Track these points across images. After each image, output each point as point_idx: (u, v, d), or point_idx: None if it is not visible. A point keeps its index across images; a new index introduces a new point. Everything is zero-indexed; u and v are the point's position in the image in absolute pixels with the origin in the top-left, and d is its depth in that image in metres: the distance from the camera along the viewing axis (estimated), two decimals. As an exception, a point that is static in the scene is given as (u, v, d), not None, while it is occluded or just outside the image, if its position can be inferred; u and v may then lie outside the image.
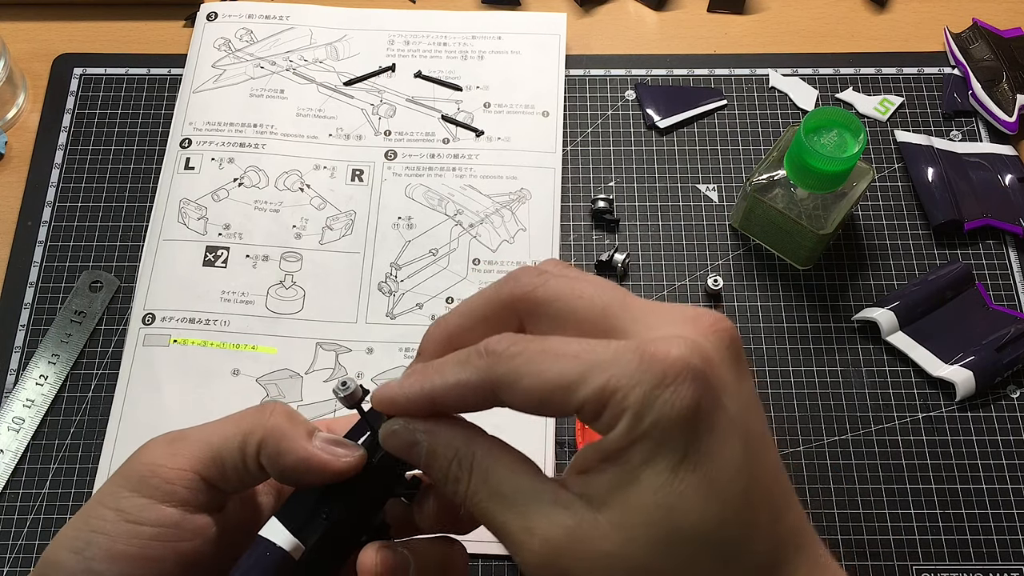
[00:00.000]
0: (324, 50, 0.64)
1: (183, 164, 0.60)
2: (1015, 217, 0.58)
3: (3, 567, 0.50)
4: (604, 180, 0.60)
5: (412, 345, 0.55)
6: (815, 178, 0.51)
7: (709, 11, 0.67)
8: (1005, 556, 0.50)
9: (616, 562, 0.26)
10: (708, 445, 0.25)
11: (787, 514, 0.27)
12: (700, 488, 0.25)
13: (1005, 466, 0.52)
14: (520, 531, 0.27)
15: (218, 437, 0.31)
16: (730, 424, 0.26)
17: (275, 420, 0.31)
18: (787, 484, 0.28)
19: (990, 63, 0.63)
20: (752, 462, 0.26)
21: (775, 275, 0.57)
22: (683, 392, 0.25)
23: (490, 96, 0.63)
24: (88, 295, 0.57)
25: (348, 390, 0.31)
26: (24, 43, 0.66)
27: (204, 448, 0.31)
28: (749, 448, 0.26)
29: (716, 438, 0.26)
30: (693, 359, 0.25)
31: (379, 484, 0.32)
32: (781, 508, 0.27)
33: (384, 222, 0.58)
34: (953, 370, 0.53)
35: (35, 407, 0.54)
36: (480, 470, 0.28)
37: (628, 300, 0.28)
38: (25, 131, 0.63)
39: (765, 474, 0.27)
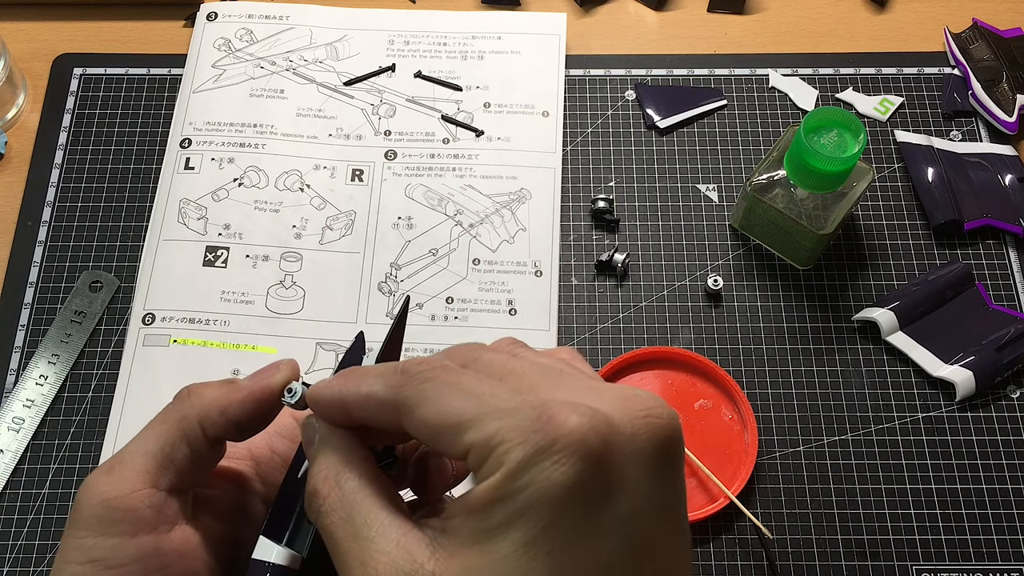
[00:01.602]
0: (324, 50, 0.64)
1: (183, 164, 0.60)
2: (1015, 217, 0.58)
3: (3, 567, 0.50)
4: (604, 180, 0.60)
5: (412, 345, 0.55)
6: (815, 178, 0.51)
7: (709, 11, 0.67)
8: (1005, 556, 0.50)
9: None
10: (571, 535, 0.23)
11: None
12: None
13: (1005, 466, 0.52)
14: (356, 564, 0.26)
15: (154, 441, 0.30)
16: (609, 524, 0.24)
17: (196, 395, 0.31)
18: None
19: (990, 63, 0.63)
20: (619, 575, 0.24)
21: (775, 275, 0.57)
22: (564, 467, 0.23)
23: (490, 96, 0.63)
24: (88, 295, 0.57)
25: (296, 395, 0.31)
26: (24, 43, 0.66)
27: (146, 459, 0.30)
28: (623, 560, 0.24)
29: (583, 531, 0.23)
30: (590, 435, 0.23)
31: None
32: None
33: (384, 222, 0.58)
34: (953, 370, 0.53)
35: (35, 407, 0.53)
36: (342, 491, 0.27)
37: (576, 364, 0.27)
38: (25, 131, 0.63)
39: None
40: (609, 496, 0.24)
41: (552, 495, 0.23)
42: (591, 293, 0.57)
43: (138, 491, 0.29)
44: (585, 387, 0.26)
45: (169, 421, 0.30)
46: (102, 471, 0.30)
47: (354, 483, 0.27)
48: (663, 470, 0.25)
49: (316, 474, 0.28)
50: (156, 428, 0.30)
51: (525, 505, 0.23)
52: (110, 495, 0.29)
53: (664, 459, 0.24)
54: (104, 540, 0.28)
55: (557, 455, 0.23)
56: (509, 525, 0.24)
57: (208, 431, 0.30)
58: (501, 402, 0.24)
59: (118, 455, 0.30)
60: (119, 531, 0.28)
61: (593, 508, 0.23)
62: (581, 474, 0.23)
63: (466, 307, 0.56)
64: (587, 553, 0.23)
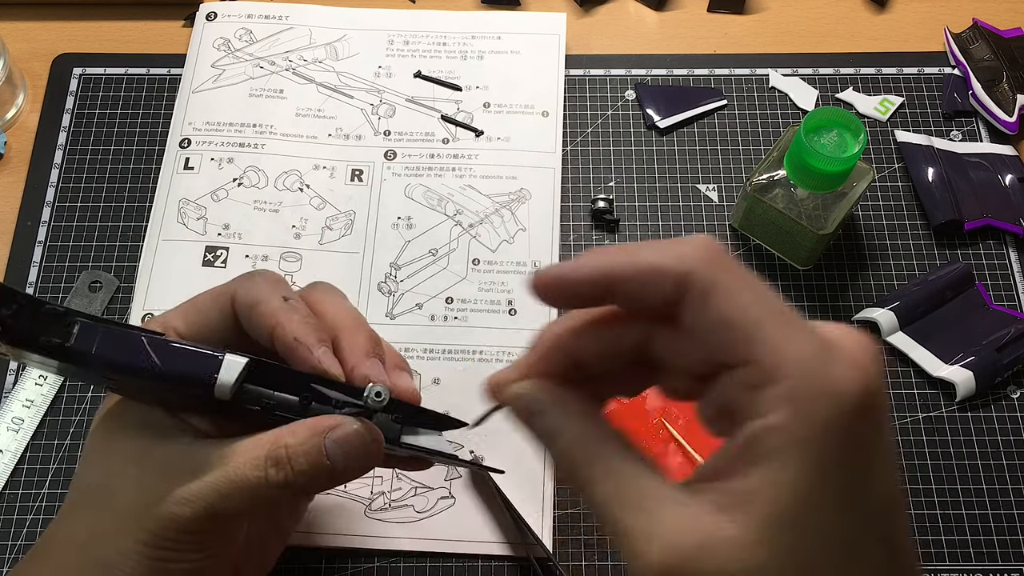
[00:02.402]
0: (324, 50, 0.64)
1: (182, 164, 0.60)
2: (1015, 217, 0.58)
3: (3, 567, 0.50)
4: (604, 180, 0.60)
5: (412, 345, 0.55)
6: (815, 178, 0.51)
7: (709, 11, 0.67)
8: (1005, 556, 0.50)
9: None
10: (856, 467, 0.24)
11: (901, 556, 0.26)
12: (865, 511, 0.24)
13: (1005, 466, 0.52)
14: (639, 536, 0.25)
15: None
16: (881, 455, 0.25)
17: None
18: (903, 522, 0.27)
19: (990, 63, 0.62)
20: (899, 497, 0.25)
21: (775, 275, 0.57)
22: (846, 410, 0.24)
23: (490, 96, 0.62)
24: (88, 295, 0.57)
25: (383, 401, 0.33)
26: (24, 43, 0.66)
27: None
28: (893, 488, 0.25)
29: (863, 464, 0.24)
30: (866, 379, 0.24)
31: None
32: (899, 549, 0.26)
33: (384, 222, 0.58)
34: (953, 370, 0.53)
35: (35, 407, 0.53)
36: (606, 464, 0.27)
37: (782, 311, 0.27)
38: (24, 131, 0.63)
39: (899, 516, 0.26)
40: (883, 429, 0.25)
41: (849, 431, 0.24)
42: (591, 293, 0.57)
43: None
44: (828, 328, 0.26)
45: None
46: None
47: (616, 453, 0.27)
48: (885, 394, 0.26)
49: (570, 446, 0.27)
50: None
51: (821, 446, 0.24)
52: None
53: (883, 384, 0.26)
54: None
55: (846, 399, 0.24)
56: (808, 464, 0.24)
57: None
58: (791, 328, 0.25)
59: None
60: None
61: (876, 440, 0.24)
62: (869, 409, 0.24)
63: (466, 307, 0.56)
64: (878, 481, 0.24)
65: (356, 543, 0.49)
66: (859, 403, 0.24)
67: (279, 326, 0.34)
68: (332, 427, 0.33)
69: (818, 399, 0.24)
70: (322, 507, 0.50)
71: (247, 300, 0.35)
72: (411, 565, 0.49)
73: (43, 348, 0.31)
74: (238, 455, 0.33)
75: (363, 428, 0.33)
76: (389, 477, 0.51)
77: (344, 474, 0.33)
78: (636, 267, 0.27)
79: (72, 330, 0.31)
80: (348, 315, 0.37)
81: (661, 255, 0.26)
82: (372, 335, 0.37)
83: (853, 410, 0.24)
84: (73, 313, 0.32)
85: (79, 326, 0.31)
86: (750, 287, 0.26)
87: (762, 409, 0.24)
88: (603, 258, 0.27)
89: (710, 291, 0.26)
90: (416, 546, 0.49)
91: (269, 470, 0.32)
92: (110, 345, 0.32)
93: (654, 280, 0.26)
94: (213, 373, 0.32)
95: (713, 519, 0.24)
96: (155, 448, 0.34)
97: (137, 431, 0.35)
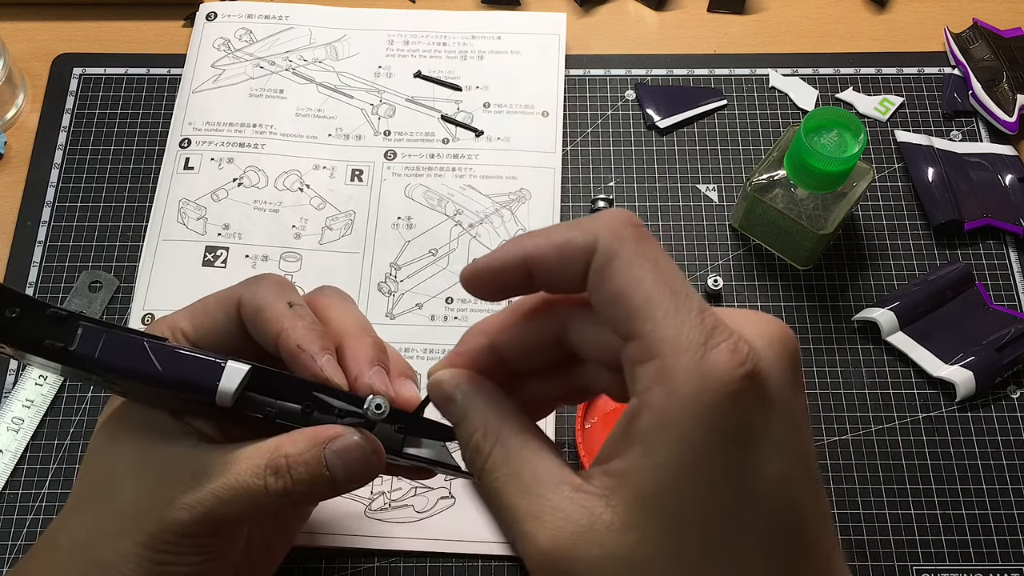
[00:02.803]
0: (323, 50, 0.64)
1: (182, 164, 0.60)
2: (1015, 217, 0.58)
3: (3, 567, 0.50)
4: (604, 180, 0.60)
5: (412, 345, 0.55)
6: (815, 178, 0.51)
7: (709, 11, 0.67)
8: (1005, 556, 0.50)
9: (623, 571, 0.24)
10: (736, 455, 0.24)
11: (816, 550, 0.26)
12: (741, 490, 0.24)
13: (1005, 466, 0.52)
14: (529, 519, 0.26)
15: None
16: (768, 444, 0.25)
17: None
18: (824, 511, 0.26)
19: (990, 63, 0.62)
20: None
21: (775, 275, 0.57)
22: (725, 395, 0.24)
23: (490, 96, 0.62)
24: (88, 295, 0.57)
25: (383, 413, 0.32)
26: (24, 43, 0.66)
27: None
28: (791, 469, 0.25)
29: (747, 452, 0.24)
30: (748, 366, 0.24)
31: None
32: (812, 544, 0.26)
33: (384, 222, 0.58)
34: (953, 370, 0.53)
35: (34, 407, 0.53)
36: (505, 448, 0.27)
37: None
38: (24, 131, 0.63)
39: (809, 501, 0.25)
40: (770, 413, 0.24)
41: (718, 414, 0.24)
42: (591, 293, 0.57)
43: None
44: (734, 313, 0.26)
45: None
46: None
47: (517, 438, 0.27)
48: (797, 384, 0.26)
49: (473, 431, 0.28)
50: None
51: (687, 428, 0.24)
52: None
53: (797, 372, 0.26)
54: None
55: (718, 382, 0.23)
56: (675, 447, 0.24)
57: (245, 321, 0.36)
58: (679, 306, 0.25)
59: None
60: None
61: (757, 425, 0.24)
62: (745, 394, 0.24)
63: (466, 307, 0.56)
64: (759, 464, 0.24)
65: (356, 543, 0.49)
66: (735, 388, 0.24)
67: (283, 333, 0.34)
68: (332, 437, 0.33)
69: (689, 380, 0.24)
70: (322, 507, 0.50)
71: (252, 305, 0.35)
72: (411, 565, 0.49)
73: (46, 351, 0.31)
74: (239, 462, 0.33)
75: (363, 440, 0.33)
76: (389, 477, 0.51)
77: (344, 485, 0.33)
78: (550, 245, 0.27)
79: (75, 334, 0.31)
80: (354, 321, 0.37)
81: (572, 230, 0.27)
82: (377, 342, 0.37)
83: (728, 394, 0.24)
84: (77, 317, 0.32)
85: (82, 330, 0.32)
86: (648, 260, 0.26)
87: (639, 387, 0.25)
88: (522, 242, 0.28)
89: (609, 262, 0.26)
90: (416, 546, 0.49)
91: (269, 479, 0.32)
92: (113, 350, 0.32)
93: (566, 255, 0.27)
94: (215, 380, 0.32)
95: (594, 503, 0.25)
96: (157, 451, 0.34)
97: (140, 433, 0.35)
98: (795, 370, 0.26)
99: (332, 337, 0.36)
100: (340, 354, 0.35)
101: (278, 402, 0.33)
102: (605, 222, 0.26)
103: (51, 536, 0.36)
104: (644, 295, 0.25)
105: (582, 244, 0.26)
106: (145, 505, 0.33)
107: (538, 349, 0.30)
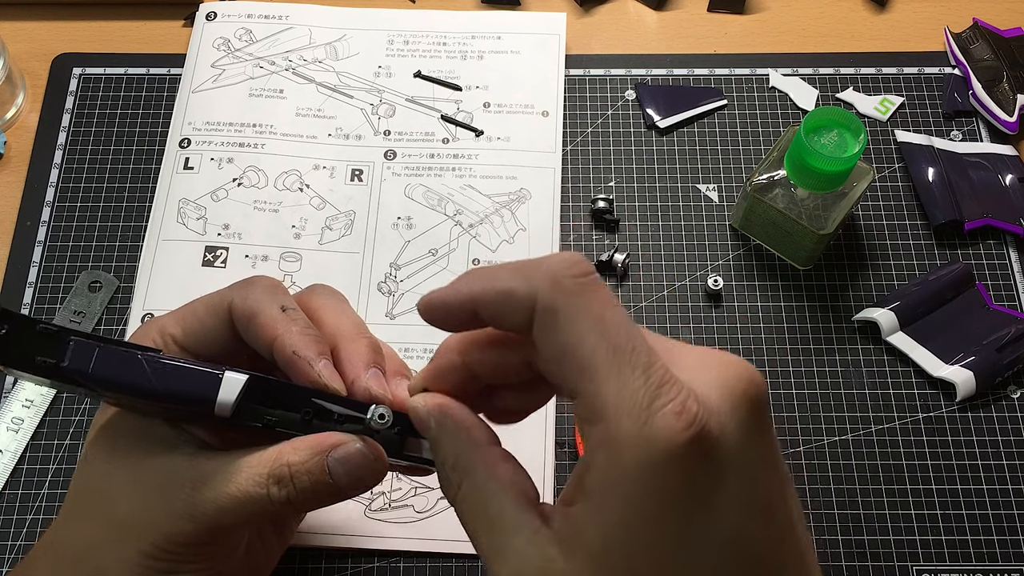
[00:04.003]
0: (323, 50, 0.64)
1: (182, 164, 0.60)
2: (1015, 217, 0.58)
3: (3, 567, 0.50)
4: (604, 180, 0.60)
5: (412, 345, 0.55)
6: (815, 178, 0.51)
7: (709, 11, 0.67)
8: (1005, 556, 0.50)
9: None
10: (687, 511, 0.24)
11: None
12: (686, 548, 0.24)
13: (1005, 466, 0.52)
14: (494, 556, 0.26)
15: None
16: (722, 498, 0.24)
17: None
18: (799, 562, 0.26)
19: (990, 63, 0.62)
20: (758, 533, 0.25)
21: (775, 275, 0.57)
22: (674, 456, 0.23)
23: (490, 96, 0.62)
24: (87, 295, 0.57)
25: (387, 423, 0.32)
26: (23, 43, 0.66)
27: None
28: (743, 525, 0.25)
29: (698, 506, 0.24)
30: (697, 425, 0.24)
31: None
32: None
33: (383, 222, 0.58)
34: (953, 370, 0.53)
35: (34, 407, 0.53)
36: (472, 481, 0.28)
37: (649, 336, 0.26)
38: (24, 131, 0.63)
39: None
40: (721, 470, 0.24)
41: (661, 479, 0.23)
42: (591, 293, 0.57)
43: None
44: (695, 356, 0.26)
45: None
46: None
47: (483, 472, 0.27)
48: (761, 429, 0.25)
49: (444, 461, 0.28)
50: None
51: (632, 494, 0.24)
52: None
53: (761, 418, 0.25)
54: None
55: (662, 449, 0.23)
56: (620, 511, 0.24)
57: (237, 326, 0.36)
58: (623, 365, 0.24)
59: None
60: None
61: (705, 484, 0.24)
62: (690, 458, 0.23)
63: (466, 307, 0.56)
64: (708, 523, 0.24)
65: (356, 543, 0.49)
66: (680, 453, 0.23)
67: (278, 339, 0.34)
68: (335, 445, 0.32)
69: (632, 446, 0.23)
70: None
71: (245, 311, 0.35)
72: (411, 565, 0.49)
73: (38, 369, 0.31)
74: (241, 471, 0.33)
75: (366, 448, 0.33)
76: (389, 477, 0.51)
77: (348, 492, 0.33)
78: (492, 292, 0.27)
79: (67, 349, 0.31)
80: (348, 323, 0.37)
81: (513, 280, 0.26)
82: (372, 343, 0.36)
83: (672, 459, 0.23)
84: (67, 332, 0.31)
85: (74, 345, 0.31)
86: (591, 316, 0.25)
87: (588, 444, 0.25)
88: (468, 283, 0.28)
89: (552, 318, 0.25)
90: (416, 546, 0.49)
91: (271, 488, 0.32)
92: (106, 364, 0.31)
93: (508, 306, 0.26)
94: (213, 392, 0.31)
95: (551, 551, 0.25)
96: (156, 459, 0.34)
97: (137, 442, 0.34)
98: (757, 416, 0.25)
99: (327, 339, 0.36)
100: (335, 357, 0.35)
101: (277, 411, 0.33)
102: (548, 272, 0.26)
103: (47, 544, 0.35)
104: (586, 354, 0.24)
105: (523, 296, 0.26)
106: (147, 515, 0.33)
107: (508, 371, 0.30)
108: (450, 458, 0.28)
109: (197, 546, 0.33)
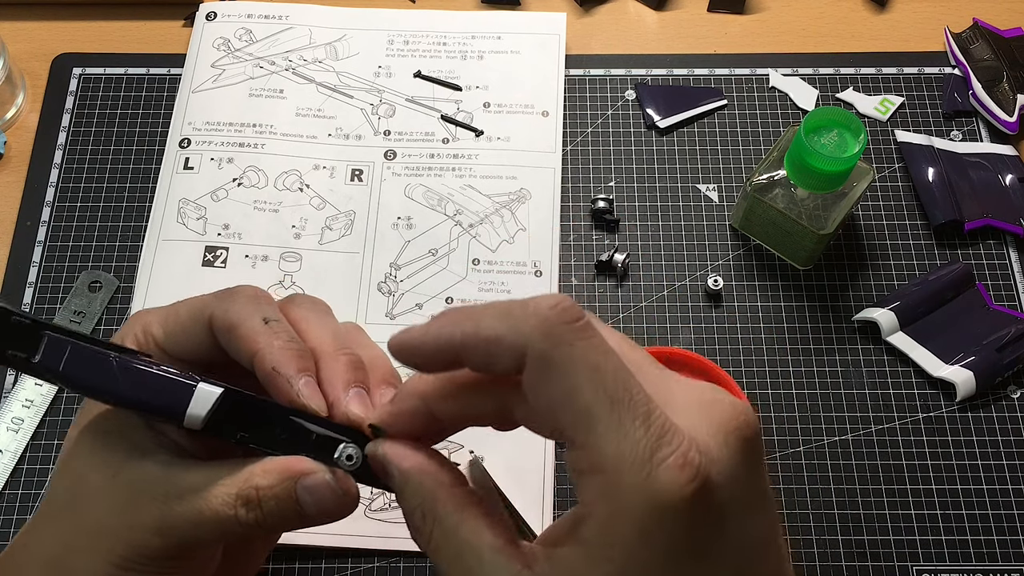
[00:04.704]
0: (323, 50, 0.64)
1: (182, 164, 0.60)
2: (1015, 217, 0.58)
3: (2, 567, 0.50)
4: (604, 180, 0.60)
5: (412, 345, 0.54)
6: (815, 178, 0.51)
7: (709, 11, 0.67)
8: (1005, 556, 0.50)
9: None
10: (684, 565, 0.24)
11: None
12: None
13: (1005, 466, 0.52)
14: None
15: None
16: (721, 545, 0.24)
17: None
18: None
19: (990, 63, 0.62)
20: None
21: (775, 275, 0.57)
22: (671, 511, 0.23)
23: (490, 96, 0.62)
24: (87, 295, 0.57)
25: (355, 465, 0.31)
26: (23, 43, 0.66)
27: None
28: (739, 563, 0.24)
29: (696, 556, 0.24)
30: (696, 482, 0.23)
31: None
32: None
33: (383, 222, 0.58)
34: (953, 370, 0.53)
35: (34, 407, 0.53)
36: (443, 529, 0.27)
37: (641, 373, 0.26)
38: (24, 131, 0.63)
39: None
40: (722, 519, 0.24)
41: (665, 532, 0.23)
42: (591, 293, 0.57)
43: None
44: (687, 393, 0.25)
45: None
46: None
47: (455, 519, 0.27)
48: (756, 470, 0.25)
49: (412, 511, 0.27)
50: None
51: (633, 546, 0.23)
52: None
53: (756, 459, 0.25)
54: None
55: (666, 502, 0.23)
56: (619, 562, 0.23)
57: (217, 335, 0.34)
58: (621, 417, 0.24)
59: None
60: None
61: (706, 535, 0.24)
62: (693, 510, 0.23)
63: (466, 307, 0.56)
64: (707, 572, 0.24)
65: (356, 543, 0.49)
66: (684, 506, 0.23)
67: (258, 354, 0.32)
68: (304, 473, 0.31)
69: (635, 499, 0.23)
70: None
71: (225, 322, 0.33)
72: (411, 565, 0.49)
73: (8, 362, 0.30)
74: (211, 488, 0.31)
75: (334, 482, 0.31)
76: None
77: (316, 520, 0.32)
78: (477, 338, 0.26)
79: (40, 344, 0.30)
80: (328, 337, 0.35)
81: (501, 325, 0.26)
82: (353, 360, 0.34)
83: (677, 512, 0.23)
84: (42, 325, 0.30)
85: (47, 340, 0.30)
86: (586, 366, 0.24)
87: (584, 496, 0.24)
88: (448, 327, 0.27)
89: (544, 368, 0.25)
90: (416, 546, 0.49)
91: (239, 509, 0.31)
92: (77, 363, 0.30)
93: (496, 353, 0.26)
94: (184, 404, 0.30)
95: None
96: (129, 466, 0.33)
97: (114, 444, 0.33)
98: (752, 457, 0.25)
99: (310, 353, 0.34)
100: (317, 373, 0.34)
101: (251, 428, 0.32)
102: (538, 318, 0.25)
103: (19, 548, 0.34)
104: (583, 406, 0.24)
105: (512, 344, 0.25)
106: (115, 526, 0.32)
107: (479, 418, 0.29)
108: (417, 509, 0.28)
109: (167, 560, 0.32)
